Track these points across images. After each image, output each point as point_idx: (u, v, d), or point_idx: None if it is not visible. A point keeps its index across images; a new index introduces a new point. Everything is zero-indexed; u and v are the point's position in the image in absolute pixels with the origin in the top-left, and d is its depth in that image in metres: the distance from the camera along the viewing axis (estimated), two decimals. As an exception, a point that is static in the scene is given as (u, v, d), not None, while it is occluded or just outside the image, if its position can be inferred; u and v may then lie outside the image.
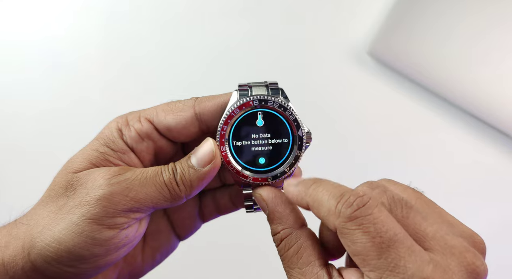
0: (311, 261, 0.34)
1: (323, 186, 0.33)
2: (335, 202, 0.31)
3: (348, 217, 0.30)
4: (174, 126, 0.39)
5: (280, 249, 0.35)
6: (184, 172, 0.37)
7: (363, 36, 0.89)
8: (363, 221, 0.29)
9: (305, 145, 0.39)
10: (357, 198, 0.30)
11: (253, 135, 0.39)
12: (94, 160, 0.38)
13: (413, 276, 0.28)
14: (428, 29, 0.84)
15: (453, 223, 0.33)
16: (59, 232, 0.35)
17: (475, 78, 0.83)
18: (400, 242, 0.29)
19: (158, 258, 0.44)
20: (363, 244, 0.29)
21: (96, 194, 0.35)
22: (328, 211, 0.31)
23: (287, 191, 0.36)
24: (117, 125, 0.40)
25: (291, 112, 0.39)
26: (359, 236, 0.29)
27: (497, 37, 0.82)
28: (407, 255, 0.28)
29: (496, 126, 0.84)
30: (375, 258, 0.29)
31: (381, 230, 0.29)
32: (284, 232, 0.35)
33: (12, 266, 0.36)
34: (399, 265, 0.28)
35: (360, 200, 0.30)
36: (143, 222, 0.39)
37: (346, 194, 0.31)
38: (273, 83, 0.40)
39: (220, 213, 0.46)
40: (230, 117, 0.39)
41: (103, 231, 0.35)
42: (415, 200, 0.34)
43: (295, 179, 0.37)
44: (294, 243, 0.35)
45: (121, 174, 0.37)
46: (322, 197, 0.32)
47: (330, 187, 0.33)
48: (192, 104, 0.39)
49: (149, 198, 0.36)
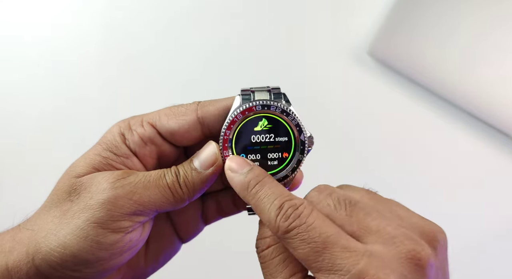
0: (296, 271, 0.34)
1: (265, 191, 0.35)
2: (275, 214, 0.33)
3: (285, 230, 0.32)
4: (177, 130, 0.39)
5: (265, 255, 0.35)
6: (187, 175, 0.38)
7: (363, 36, 0.89)
8: (298, 231, 0.31)
9: (307, 149, 0.39)
10: (294, 210, 0.32)
11: (256, 140, 0.40)
12: (97, 164, 0.38)
13: (349, 271, 0.29)
14: (428, 29, 0.84)
15: (403, 217, 0.34)
16: (63, 236, 0.35)
17: (475, 78, 0.83)
18: (333, 243, 0.30)
19: (161, 261, 0.44)
20: (303, 250, 0.31)
21: (101, 197, 0.36)
22: (269, 222, 0.33)
23: (228, 177, 0.37)
24: (119, 129, 0.40)
25: (293, 117, 0.39)
26: (297, 244, 0.31)
27: (498, 38, 0.82)
28: (340, 253, 0.30)
29: (496, 126, 0.84)
30: (315, 261, 0.30)
31: (314, 236, 0.31)
32: (273, 238, 0.35)
33: (16, 271, 0.36)
34: (335, 264, 0.30)
35: (296, 212, 0.32)
36: (147, 225, 0.39)
37: (284, 206, 0.33)
38: (276, 88, 0.40)
39: (222, 215, 0.46)
40: (233, 122, 0.39)
41: (108, 235, 0.35)
42: (368, 199, 0.35)
43: (237, 162, 0.38)
44: (282, 252, 0.35)
45: (124, 177, 0.37)
46: (263, 207, 0.34)
47: (272, 194, 0.34)
48: (194, 108, 0.40)
49: (152, 201, 0.37)
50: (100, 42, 0.91)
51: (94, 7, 0.92)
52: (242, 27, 0.91)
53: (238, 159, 0.38)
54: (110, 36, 0.91)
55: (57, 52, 0.90)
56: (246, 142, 0.39)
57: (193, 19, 0.91)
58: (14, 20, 0.91)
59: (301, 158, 0.39)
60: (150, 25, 0.91)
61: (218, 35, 0.91)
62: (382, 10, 0.89)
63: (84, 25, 0.91)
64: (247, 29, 0.91)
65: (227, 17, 0.91)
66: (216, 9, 0.91)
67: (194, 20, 0.91)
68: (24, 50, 0.91)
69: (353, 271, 0.29)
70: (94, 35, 0.91)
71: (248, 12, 0.91)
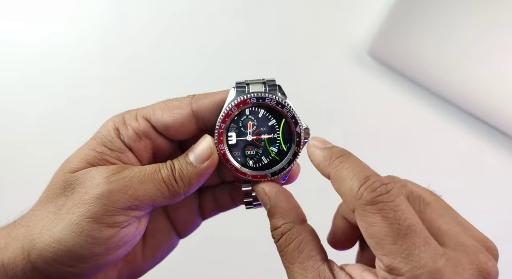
0: (312, 255, 0.34)
1: (350, 163, 0.33)
2: (359, 184, 0.31)
3: (369, 201, 0.30)
4: (171, 124, 0.39)
5: (280, 244, 0.35)
6: (182, 169, 0.37)
7: (363, 36, 0.89)
8: (384, 207, 0.30)
9: (303, 141, 0.39)
10: (382, 184, 0.31)
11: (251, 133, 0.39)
12: (91, 159, 0.38)
13: (425, 266, 0.28)
14: (428, 29, 0.84)
15: (467, 227, 0.33)
16: (58, 232, 0.35)
17: (475, 78, 0.83)
18: (417, 232, 0.29)
19: (158, 257, 0.44)
20: (381, 228, 0.30)
21: (95, 192, 0.35)
22: (350, 191, 0.32)
23: (311, 152, 0.37)
24: (114, 124, 0.39)
25: (288, 109, 0.39)
26: (378, 220, 0.30)
27: (497, 37, 0.82)
28: (422, 245, 0.29)
29: (496, 127, 0.84)
30: (391, 243, 0.29)
31: (400, 218, 0.29)
32: (285, 226, 0.35)
33: (12, 267, 0.36)
34: (413, 253, 0.29)
35: (384, 187, 0.31)
36: (143, 220, 0.39)
37: (371, 178, 0.31)
38: (271, 80, 0.40)
39: (219, 210, 0.46)
40: (228, 115, 0.38)
41: (103, 230, 0.35)
42: (434, 201, 0.34)
43: (321, 140, 0.37)
44: (295, 237, 0.35)
45: (119, 172, 0.37)
46: (346, 175, 0.33)
47: (356, 166, 0.33)
48: (189, 101, 0.39)
49: (148, 195, 0.36)
50: (100, 41, 0.91)
51: (95, 6, 0.92)
52: (242, 27, 0.91)
53: (321, 138, 0.37)
54: (110, 36, 0.91)
55: (57, 52, 0.91)
56: (242, 134, 0.39)
57: (193, 19, 0.91)
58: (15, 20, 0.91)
59: (297, 150, 0.39)
60: (149, 25, 0.91)
61: (218, 35, 0.91)
62: (382, 10, 0.89)
63: (84, 24, 0.91)
64: (247, 29, 0.91)
65: (227, 17, 0.91)
66: (216, 9, 0.91)
67: (193, 20, 0.91)
68: (24, 50, 0.91)
69: (429, 268, 0.28)
70: (94, 34, 0.91)
71: (247, 12, 0.91)
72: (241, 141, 0.39)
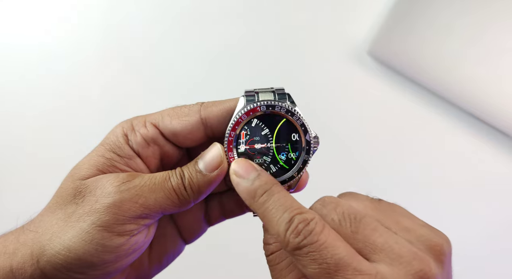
0: (301, 276, 0.33)
1: (274, 203, 0.33)
2: (284, 228, 0.31)
3: (296, 246, 0.31)
4: (180, 131, 0.39)
5: (270, 260, 0.35)
6: (192, 177, 0.37)
7: (363, 36, 0.89)
8: (309, 250, 0.30)
9: (313, 149, 0.39)
10: (305, 225, 0.31)
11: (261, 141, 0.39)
12: (100, 166, 0.38)
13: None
14: (427, 29, 0.84)
15: (409, 229, 0.33)
16: (69, 239, 0.35)
17: (475, 78, 0.83)
18: (346, 265, 0.30)
19: (164, 262, 0.44)
20: (313, 269, 0.30)
21: (106, 201, 0.35)
22: (278, 235, 0.32)
23: (234, 183, 0.36)
24: (122, 130, 0.39)
25: (298, 117, 0.39)
26: (308, 262, 0.30)
27: (496, 37, 0.82)
28: (353, 276, 0.29)
29: (496, 127, 0.84)
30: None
31: (326, 257, 0.30)
32: (275, 245, 0.35)
33: (21, 273, 0.36)
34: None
35: (306, 229, 0.31)
36: (152, 227, 0.39)
37: (295, 221, 0.31)
38: (280, 89, 0.40)
39: (226, 216, 0.46)
40: (237, 123, 0.38)
41: (113, 238, 0.35)
42: (372, 210, 0.34)
43: (243, 167, 0.36)
44: (285, 258, 0.34)
45: (129, 180, 0.37)
46: (272, 217, 0.33)
47: (280, 206, 0.33)
48: (197, 109, 0.39)
49: (158, 203, 0.36)
50: (101, 43, 0.91)
51: (96, 7, 0.91)
52: (242, 28, 0.91)
53: (244, 163, 0.37)
54: (112, 37, 0.91)
55: (58, 53, 0.90)
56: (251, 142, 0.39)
57: (194, 21, 0.91)
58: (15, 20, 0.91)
59: (307, 158, 0.39)
60: (151, 26, 0.91)
61: (219, 36, 0.90)
62: (382, 10, 0.89)
63: (85, 25, 0.91)
64: (247, 30, 0.90)
65: (228, 18, 0.91)
66: (217, 10, 0.91)
67: (195, 22, 0.91)
68: (24, 50, 0.90)
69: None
70: (96, 36, 0.91)
71: (248, 14, 0.91)
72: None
